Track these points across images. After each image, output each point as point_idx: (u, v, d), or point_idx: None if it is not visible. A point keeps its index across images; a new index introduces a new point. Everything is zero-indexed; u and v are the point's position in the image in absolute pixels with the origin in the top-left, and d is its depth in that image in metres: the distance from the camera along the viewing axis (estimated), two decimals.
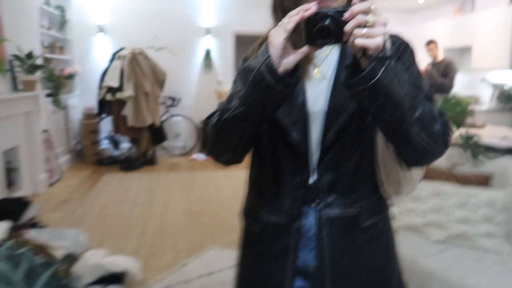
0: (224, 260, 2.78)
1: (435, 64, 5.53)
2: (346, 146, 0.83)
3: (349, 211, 0.84)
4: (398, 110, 0.70)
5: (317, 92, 0.85)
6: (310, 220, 0.85)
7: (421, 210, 2.13)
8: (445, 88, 5.27)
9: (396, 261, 0.93)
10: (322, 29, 0.68)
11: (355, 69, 0.70)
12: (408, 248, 1.96)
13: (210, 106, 6.76)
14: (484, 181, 2.22)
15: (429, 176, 2.36)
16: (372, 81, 0.67)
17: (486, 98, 5.46)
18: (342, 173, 0.83)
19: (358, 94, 0.70)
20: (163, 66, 5.89)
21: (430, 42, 5.58)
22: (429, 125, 0.74)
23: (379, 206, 0.89)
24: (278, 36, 0.71)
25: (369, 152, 0.85)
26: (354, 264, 0.85)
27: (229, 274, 2.60)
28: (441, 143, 0.77)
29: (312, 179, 0.84)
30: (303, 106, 0.84)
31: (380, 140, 0.85)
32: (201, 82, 6.74)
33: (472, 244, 1.97)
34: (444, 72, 5.34)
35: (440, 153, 0.79)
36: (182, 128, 6.62)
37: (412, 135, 0.73)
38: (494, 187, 2.19)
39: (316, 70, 0.85)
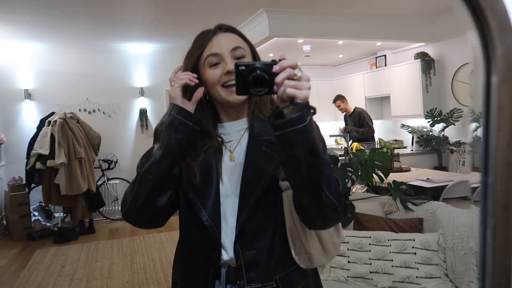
0: None
1: (350, 116, 6.02)
2: (258, 226, 0.90)
3: (269, 285, 0.89)
4: (315, 162, 0.76)
5: (229, 176, 0.94)
6: None
7: (367, 258, 2.25)
8: (367, 136, 5.72)
9: None
10: (257, 79, 0.75)
11: (277, 117, 0.76)
12: None
13: None
14: (415, 226, 2.42)
15: (367, 224, 2.53)
16: (302, 125, 0.73)
17: (408, 142, 6.01)
18: (259, 251, 0.89)
19: (282, 138, 0.75)
20: (98, 129, 5.74)
21: (335, 100, 6.07)
22: (336, 184, 0.81)
23: (298, 276, 0.93)
24: (175, 92, 0.89)
25: (280, 228, 0.92)
26: None
27: None
28: (342, 205, 0.83)
29: (227, 258, 0.91)
30: (217, 189, 0.92)
31: (288, 217, 0.91)
32: (137, 142, 6.63)
33: (417, 287, 2.11)
34: (359, 121, 5.82)
35: (341, 214, 0.84)
36: (120, 191, 6.37)
37: (323, 192, 0.78)
38: (425, 230, 2.39)
39: (231, 155, 0.95)
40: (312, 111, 0.76)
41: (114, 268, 4.00)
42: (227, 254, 0.91)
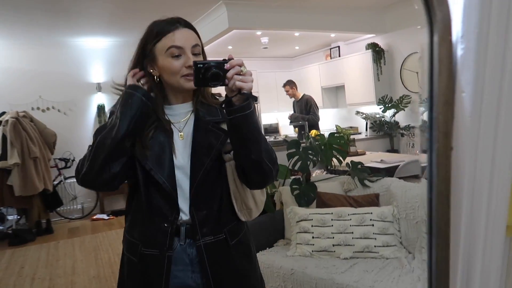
0: None
1: (297, 103, 6.19)
2: (208, 191, 1.11)
3: (219, 236, 1.11)
4: (258, 138, 1.02)
5: (181, 151, 1.11)
6: (189, 253, 1.10)
7: (330, 232, 2.40)
8: (312, 123, 5.88)
9: (256, 259, 1.25)
10: (214, 74, 0.97)
11: (228, 105, 0.99)
12: (324, 268, 2.18)
13: None
14: (372, 200, 2.61)
15: (329, 202, 2.68)
16: (249, 111, 0.97)
17: (363, 128, 6.32)
18: (209, 212, 1.10)
19: (235, 121, 0.98)
20: (53, 127, 5.53)
21: (285, 84, 6.19)
22: (271, 154, 1.08)
23: (239, 227, 1.17)
24: (130, 79, 1.09)
25: (225, 193, 1.13)
26: (229, 270, 1.12)
27: None
28: (275, 170, 1.11)
29: (185, 218, 1.09)
30: (171, 162, 1.09)
31: (231, 182, 1.13)
32: None
33: (374, 255, 2.29)
34: (306, 108, 6.00)
35: (275, 177, 1.12)
36: (78, 190, 6.18)
37: (263, 161, 1.04)
38: (381, 204, 2.58)
39: (180, 134, 1.13)
40: (255, 99, 0.99)
41: (78, 265, 3.92)
42: (184, 215, 1.09)
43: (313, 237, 2.44)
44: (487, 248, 0.58)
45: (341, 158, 3.20)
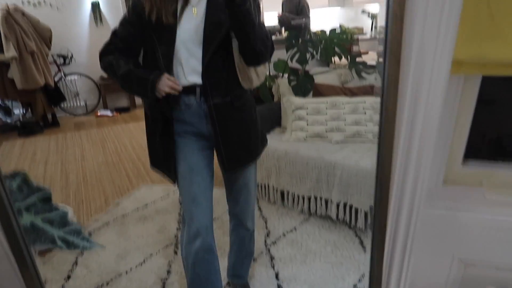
0: (155, 193, 2.96)
1: (286, 1, 5.86)
2: (218, 62, 1.28)
3: (226, 99, 1.32)
4: (254, 23, 1.19)
5: (195, 26, 1.25)
6: (203, 108, 1.32)
7: (324, 120, 2.54)
8: (304, 25, 5.58)
9: (258, 122, 1.47)
10: None
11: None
12: (316, 150, 2.36)
13: None
14: (367, 91, 2.71)
15: (325, 93, 2.78)
16: (244, 7, 1.14)
17: (368, 29, 6.17)
18: (217, 80, 1.29)
19: (239, 11, 1.14)
20: (47, 23, 5.38)
21: None
22: (267, 37, 1.26)
23: (242, 94, 1.37)
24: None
25: (231, 64, 1.31)
26: (234, 127, 1.35)
27: (163, 203, 2.81)
28: (269, 53, 1.30)
29: (199, 82, 1.29)
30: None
31: (236, 56, 1.30)
32: (93, 37, 6.32)
33: (363, 139, 2.46)
34: (297, 8, 5.69)
35: (268, 58, 1.31)
36: (80, 87, 6.25)
37: (256, 45, 1.23)
38: (376, 94, 2.68)
39: (194, 10, 1.26)
40: None
41: (87, 153, 4.17)
42: (198, 79, 1.30)
43: (307, 124, 2.59)
44: (432, 85, 0.68)
45: (342, 54, 3.21)
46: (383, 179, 0.77)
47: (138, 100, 6.85)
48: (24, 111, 5.49)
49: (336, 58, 3.23)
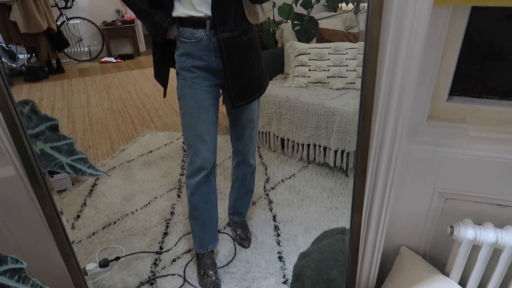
0: (159, 140, 3.03)
1: None
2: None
3: (234, 33, 1.35)
4: None
5: None
6: (213, 41, 1.35)
7: (326, 65, 2.51)
8: None
9: (262, 59, 1.52)
10: None
11: None
12: (317, 96, 2.36)
13: (109, 5, 6.27)
14: None
15: (329, 38, 2.72)
16: None
17: None
18: (226, 13, 1.32)
19: None
20: None
21: None
22: None
23: (249, 28, 1.41)
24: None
25: (238, 0, 1.34)
26: (242, 60, 1.40)
27: (167, 150, 2.88)
28: None
29: (209, 14, 1.32)
30: None
31: None
32: None
33: None
34: None
35: None
36: (83, 32, 6.16)
37: None
38: None
39: None
40: None
41: (92, 99, 4.21)
42: (208, 12, 1.32)
43: (309, 70, 2.56)
44: (416, 13, 0.67)
45: None
46: (366, 109, 0.79)
47: (142, 48, 6.75)
48: (28, 56, 5.48)
49: (343, 4, 3.12)
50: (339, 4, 3.32)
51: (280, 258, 1.79)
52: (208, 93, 1.42)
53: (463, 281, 1.09)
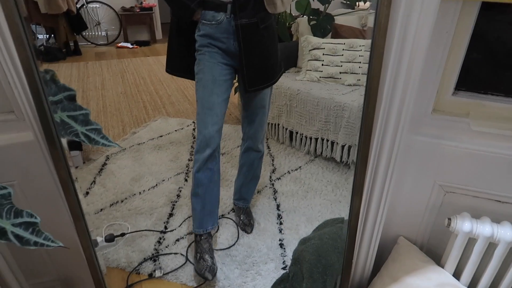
0: (170, 126, 3.08)
1: None
2: None
3: (252, 20, 1.41)
4: None
5: None
6: (232, 25, 1.41)
7: (339, 61, 2.52)
8: None
9: (278, 48, 1.57)
10: None
11: None
12: (328, 91, 2.39)
13: None
14: None
15: (344, 35, 2.73)
16: None
17: None
18: (246, 0, 1.37)
19: None
20: None
21: None
22: None
23: (267, 17, 1.46)
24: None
25: None
26: (258, 47, 1.46)
27: (177, 135, 2.93)
28: None
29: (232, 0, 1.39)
30: None
31: None
32: None
33: None
34: None
35: None
36: (102, 16, 6.24)
37: None
38: None
39: None
40: None
41: (107, 83, 4.28)
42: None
43: (322, 65, 2.58)
44: (424, 5, 0.69)
45: None
46: (371, 95, 0.82)
47: (159, 35, 6.81)
48: (47, 37, 5.58)
49: (361, 3, 3.12)
50: (357, 3, 3.33)
51: (281, 245, 1.83)
52: (224, 69, 1.49)
53: (457, 274, 1.11)
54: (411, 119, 0.97)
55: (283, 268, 1.68)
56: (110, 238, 1.79)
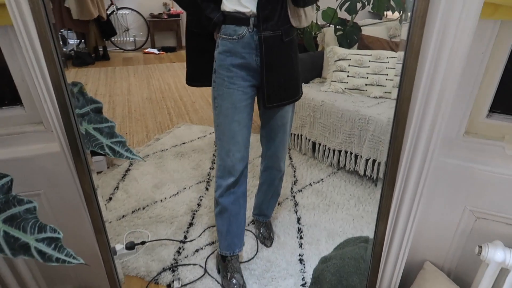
0: (193, 133, 3.10)
1: None
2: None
3: (276, 33, 1.37)
4: None
5: None
6: (255, 39, 1.37)
7: (365, 72, 2.48)
8: None
9: (300, 66, 1.53)
10: None
11: None
12: (353, 103, 2.34)
13: None
14: None
15: (371, 46, 2.68)
16: None
17: None
18: (271, 12, 1.34)
19: None
20: None
21: None
22: None
23: (291, 31, 1.43)
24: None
25: (284, 1, 1.37)
26: (280, 60, 1.42)
27: (199, 143, 2.94)
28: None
29: (254, 12, 1.35)
30: None
31: None
32: None
33: None
34: None
35: (312, 1, 1.38)
36: (130, 22, 6.39)
37: None
38: None
39: None
40: None
41: (133, 88, 4.36)
42: (253, 11, 1.35)
43: (348, 76, 2.54)
44: (460, 25, 0.66)
45: (394, 5, 3.04)
46: (401, 117, 0.78)
47: (184, 41, 6.91)
48: (78, 42, 5.75)
49: (389, 12, 3.06)
50: (385, 12, 3.27)
51: (300, 260, 1.79)
52: (244, 94, 1.42)
53: None
54: (442, 141, 0.93)
55: (303, 285, 1.64)
56: (130, 246, 1.80)
